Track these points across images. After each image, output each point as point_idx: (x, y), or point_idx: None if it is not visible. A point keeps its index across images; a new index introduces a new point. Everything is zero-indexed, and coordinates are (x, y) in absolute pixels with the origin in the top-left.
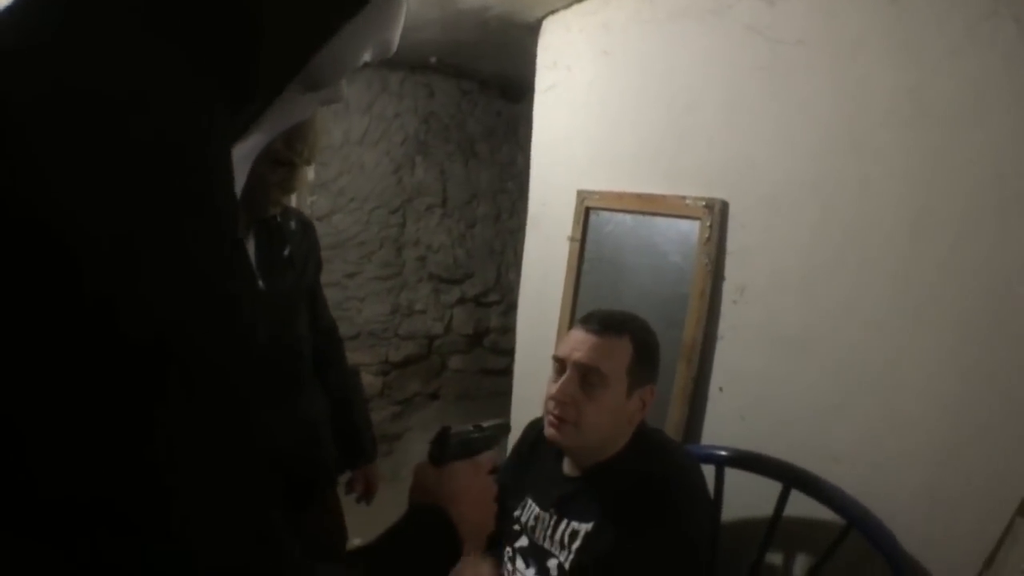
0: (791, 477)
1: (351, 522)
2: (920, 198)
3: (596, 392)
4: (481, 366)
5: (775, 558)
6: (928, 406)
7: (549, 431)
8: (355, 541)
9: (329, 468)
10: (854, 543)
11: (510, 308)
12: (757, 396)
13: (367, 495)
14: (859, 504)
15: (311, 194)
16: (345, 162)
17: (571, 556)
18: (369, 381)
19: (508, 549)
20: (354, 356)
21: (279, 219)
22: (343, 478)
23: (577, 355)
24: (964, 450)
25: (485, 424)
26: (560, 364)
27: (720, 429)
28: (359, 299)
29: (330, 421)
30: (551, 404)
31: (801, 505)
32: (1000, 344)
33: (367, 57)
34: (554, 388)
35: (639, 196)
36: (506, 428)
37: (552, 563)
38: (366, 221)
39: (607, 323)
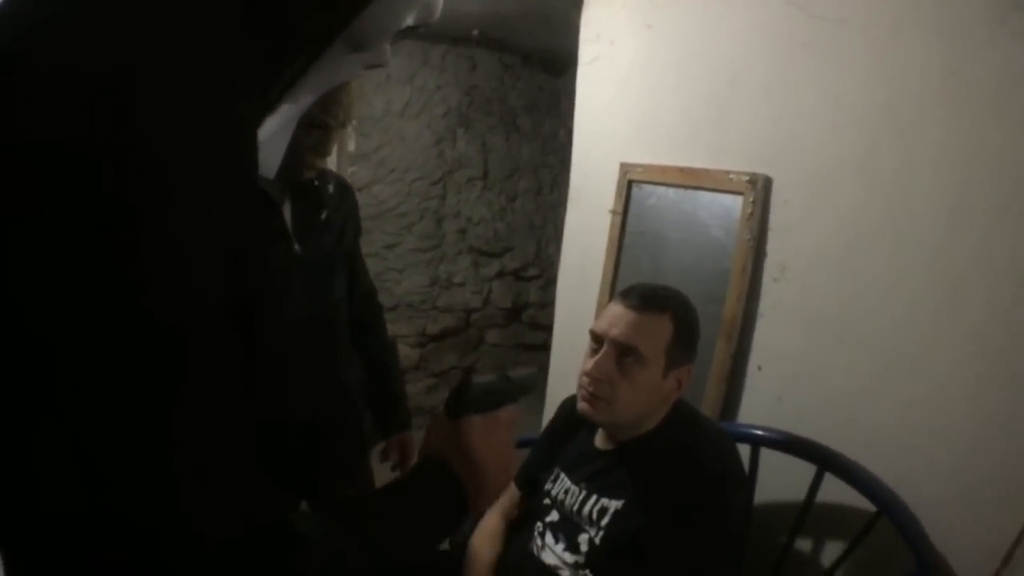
0: (825, 460)
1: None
2: (959, 182)
3: (632, 370)
4: (519, 340)
5: (805, 542)
6: (963, 399)
7: (582, 406)
8: None
9: (363, 436)
10: (884, 530)
11: (549, 283)
12: (794, 376)
13: (402, 464)
14: (889, 490)
15: (351, 164)
16: (386, 133)
17: (601, 532)
18: (405, 353)
19: (539, 524)
20: (392, 328)
21: (316, 183)
22: (377, 447)
23: (615, 332)
24: (992, 439)
25: (512, 374)
26: (597, 339)
27: (757, 409)
28: (398, 270)
29: (366, 388)
30: (585, 380)
31: (833, 489)
32: None
33: (410, 20)
34: (589, 364)
35: (682, 170)
36: (534, 380)
37: (583, 538)
38: (407, 192)
39: (648, 299)
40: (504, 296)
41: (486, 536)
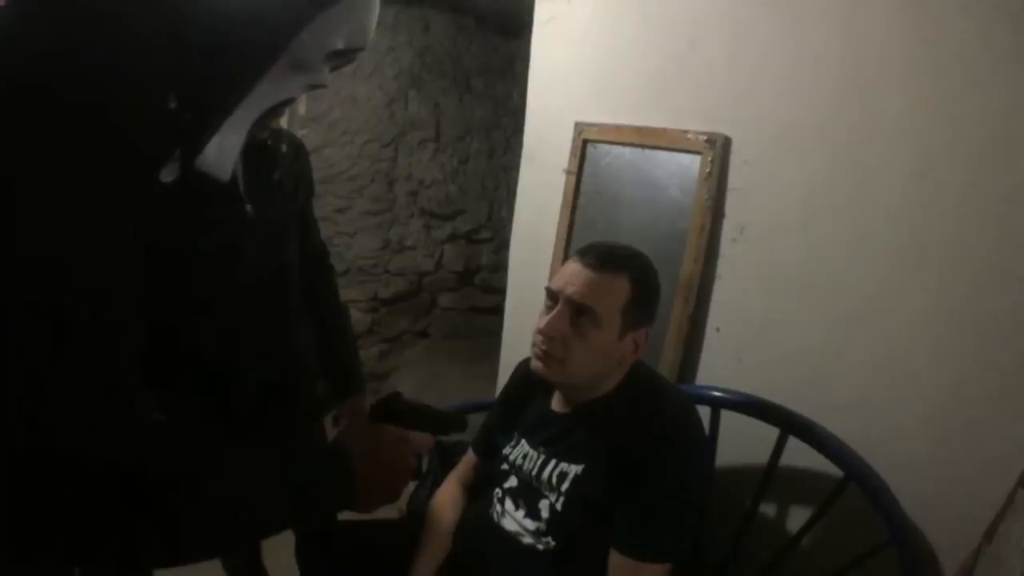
0: (788, 423)
1: None
2: (930, 150)
3: (586, 331)
4: (471, 304)
5: (770, 507)
6: (931, 360)
7: (535, 364)
8: None
9: (317, 400)
10: (853, 498)
11: (502, 246)
12: (755, 338)
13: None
14: (857, 456)
15: (302, 127)
16: (337, 95)
17: (561, 498)
18: (358, 318)
19: (498, 490)
20: (344, 292)
21: (270, 143)
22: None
23: (571, 290)
24: (963, 402)
25: (443, 413)
26: (552, 296)
27: (716, 371)
28: (349, 234)
29: (318, 352)
30: (539, 338)
31: (798, 453)
32: (1013, 301)
33: (341, 43)
34: (543, 322)
35: (639, 129)
36: (463, 423)
37: (543, 504)
38: (357, 155)
39: (606, 258)
40: (456, 259)
41: (443, 503)
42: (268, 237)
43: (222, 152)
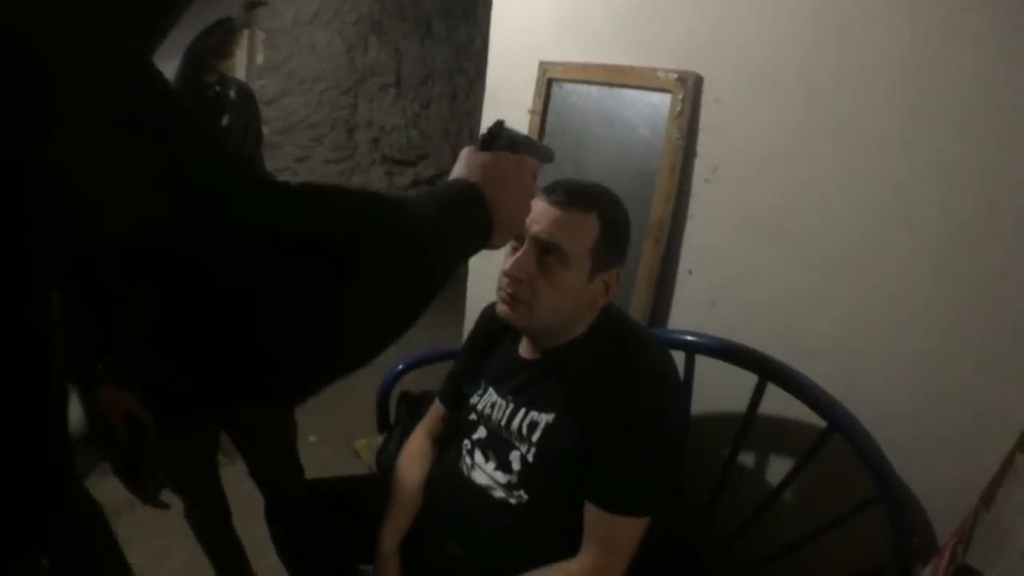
0: (766, 369)
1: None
2: (915, 96)
3: (554, 271)
4: None
5: (748, 457)
6: (914, 311)
7: (501, 308)
8: (310, 439)
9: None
10: (837, 448)
11: None
12: (729, 281)
13: None
14: (840, 406)
15: (259, 77)
16: (296, 43)
17: (533, 449)
18: None
19: (467, 442)
20: None
21: (218, 88)
22: None
23: (536, 228)
24: (956, 366)
25: (538, 142)
26: (518, 237)
27: (689, 315)
28: None
29: None
30: (504, 281)
31: (777, 402)
32: (998, 254)
33: None
34: (508, 263)
35: (606, 67)
36: (551, 154)
37: (514, 455)
38: (316, 103)
39: (574, 196)
40: None
41: (412, 457)
42: None
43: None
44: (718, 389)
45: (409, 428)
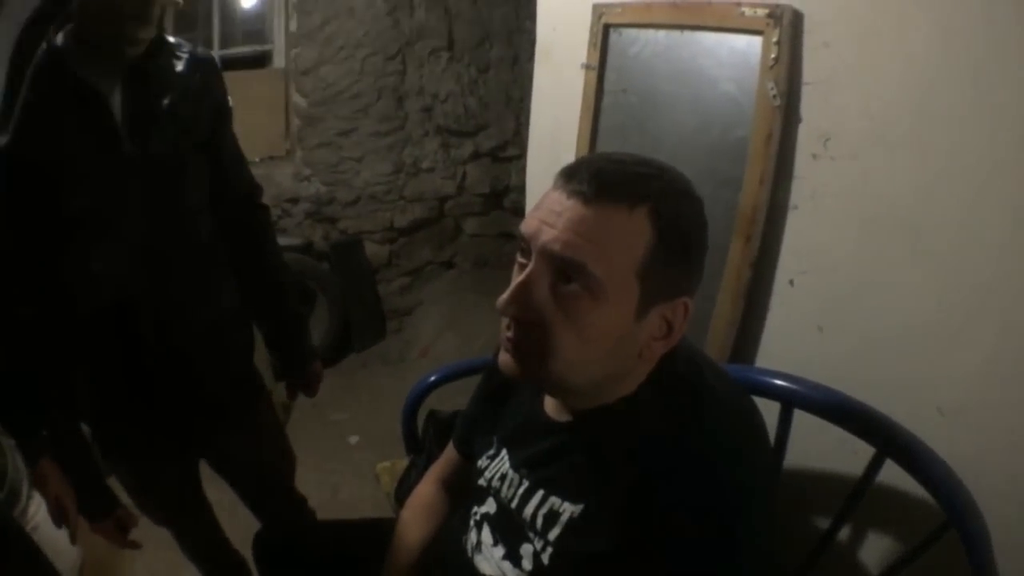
0: (888, 441)
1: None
2: None
3: (578, 305)
4: (501, 229)
5: (844, 533)
6: None
7: (503, 359)
8: (334, 417)
9: (252, 374)
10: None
11: None
12: (845, 298)
13: (308, 391)
14: (968, 498)
15: (294, 46)
16: (331, 6)
17: (549, 549)
18: (373, 251)
19: (475, 510)
20: (353, 223)
21: (160, 61)
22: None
23: (547, 236)
24: None
25: None
26: (524, 249)
27: (787, 342)
28: (356, 159)
29: (249, 318)
30: (504, 321)
31: (892, 469)
32: None
33: None
34: (505, 293)
35: (675, 5)
36: None
37: (526, 549)
38: (359, 71)
39: (608, 182)
40: (481, 180)
41: (415, 512)
42: (157, 181)
43: None
44: (817, 448)
45: (435, 456)
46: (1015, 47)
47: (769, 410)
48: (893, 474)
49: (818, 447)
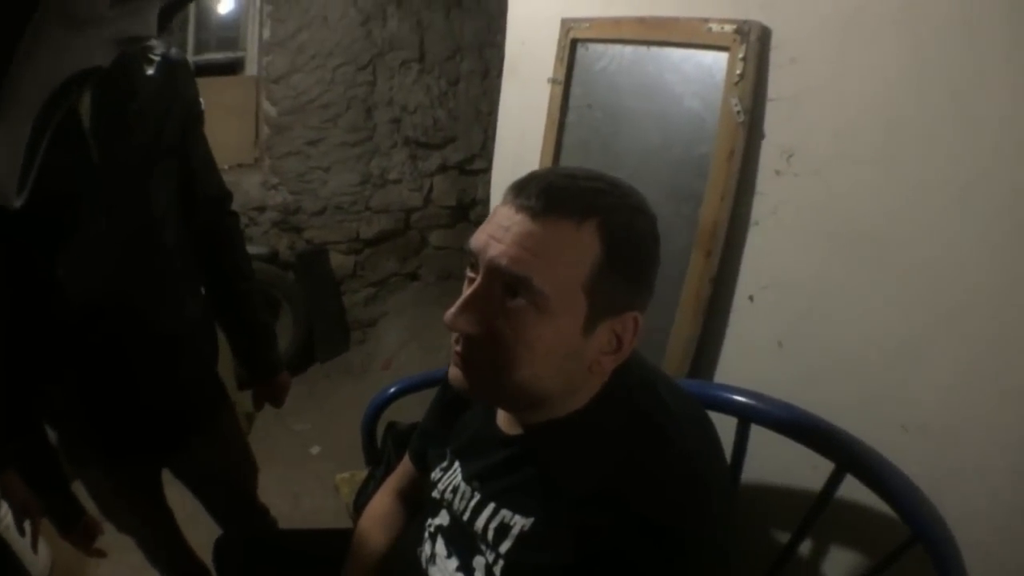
0: (847, 457)
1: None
2: None
3: (525, 319)
4: (466, 242)
5: (805, 548)
6: None
7: (452, 372)
8: (297, 427)
9: (207, 391)
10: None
11: None
12: (805, 314)
13: (275, 402)
14: (934, 512)
15: (266, 54)
16: (305, 15)
17: (501, 561)
18: (339, 261)
19: (429, 522)
20: (319, 233)
21: (129, 65)
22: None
23: (494, 251)
24: None
25: None
26: (474, 263)
27: (747, 359)
28: (323, 169)
29: (214, 328)
30: (454, 335)
31: (852, 483)
32: None
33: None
34: (452, 307)
35: (642, 21)
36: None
37: (479, 562)
38: (330, 80)
39: (556, 196)
40: (448, 193)
41: (373, 521)
42: (123, 187)
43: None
44: (776, 463)
45: (394, 468)
46: (996, 62)
47: (727, 426)
48: (855, 489)
49: (777, 462)
